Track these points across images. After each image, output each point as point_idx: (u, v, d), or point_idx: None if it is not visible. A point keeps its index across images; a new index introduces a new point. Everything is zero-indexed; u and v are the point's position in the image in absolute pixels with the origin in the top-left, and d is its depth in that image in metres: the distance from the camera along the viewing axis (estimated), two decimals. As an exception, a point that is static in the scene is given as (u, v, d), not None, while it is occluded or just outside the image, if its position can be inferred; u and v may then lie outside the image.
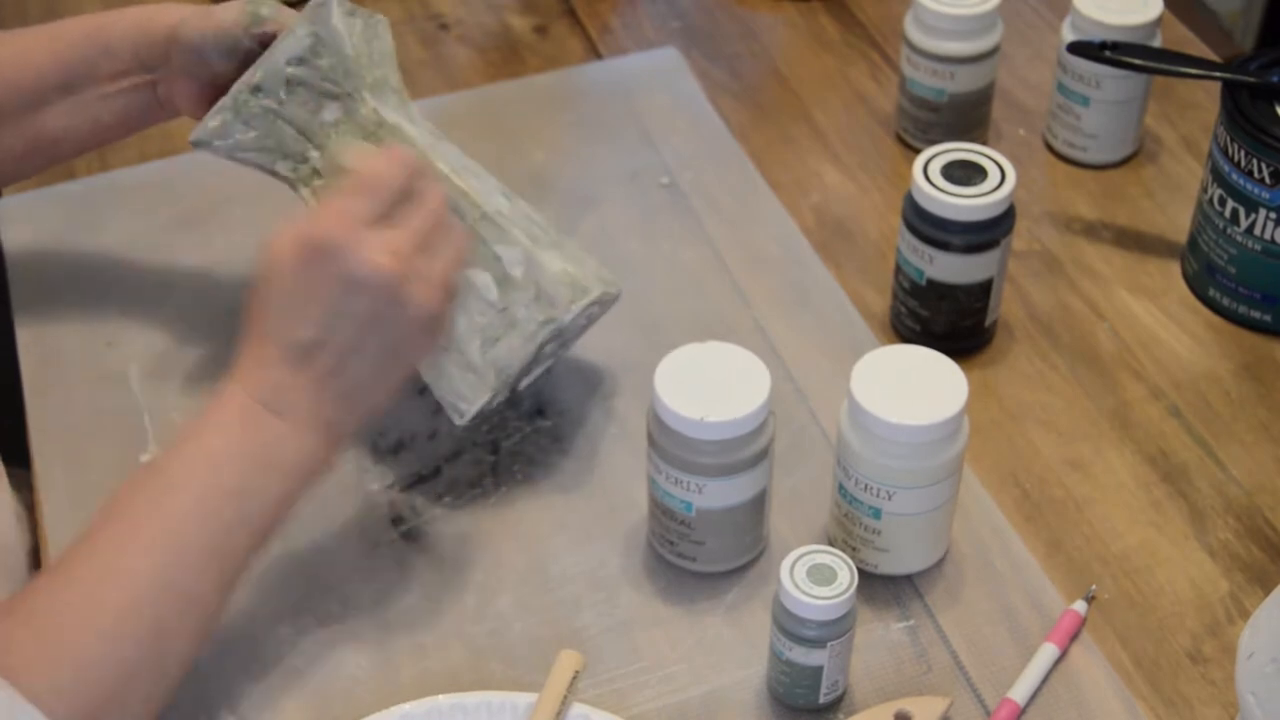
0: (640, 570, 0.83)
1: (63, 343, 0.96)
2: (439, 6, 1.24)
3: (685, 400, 0.76)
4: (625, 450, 0.89)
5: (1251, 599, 0.81)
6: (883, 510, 0.77)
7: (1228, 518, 0.85)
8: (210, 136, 0.84)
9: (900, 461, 0.76)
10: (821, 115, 1.13)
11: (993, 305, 0.93)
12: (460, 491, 0.87)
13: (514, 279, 0.82)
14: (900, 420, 0.74)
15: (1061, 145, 1.08)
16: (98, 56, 0.88)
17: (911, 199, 0.90)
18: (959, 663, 0.78)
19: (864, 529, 0.79)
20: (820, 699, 0.75)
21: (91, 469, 0.88)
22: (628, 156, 1.09)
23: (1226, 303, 0.96)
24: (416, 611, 0.81)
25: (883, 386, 0.76)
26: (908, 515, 0.77)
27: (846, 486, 0.78)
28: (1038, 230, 1.03)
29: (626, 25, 1.22)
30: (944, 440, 0.76)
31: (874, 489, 0.77)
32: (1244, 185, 0.91)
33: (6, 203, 1.06)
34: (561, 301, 0.82)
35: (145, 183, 1.07)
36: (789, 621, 0.72)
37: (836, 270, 1.00)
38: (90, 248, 1.02)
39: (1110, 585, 0.82)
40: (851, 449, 0.77)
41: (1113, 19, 1.01)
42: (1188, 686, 0.78)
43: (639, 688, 0.77)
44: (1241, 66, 0.94)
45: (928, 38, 1.03)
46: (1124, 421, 0.91)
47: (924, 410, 0.75)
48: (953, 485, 0.78)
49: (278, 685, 0.78)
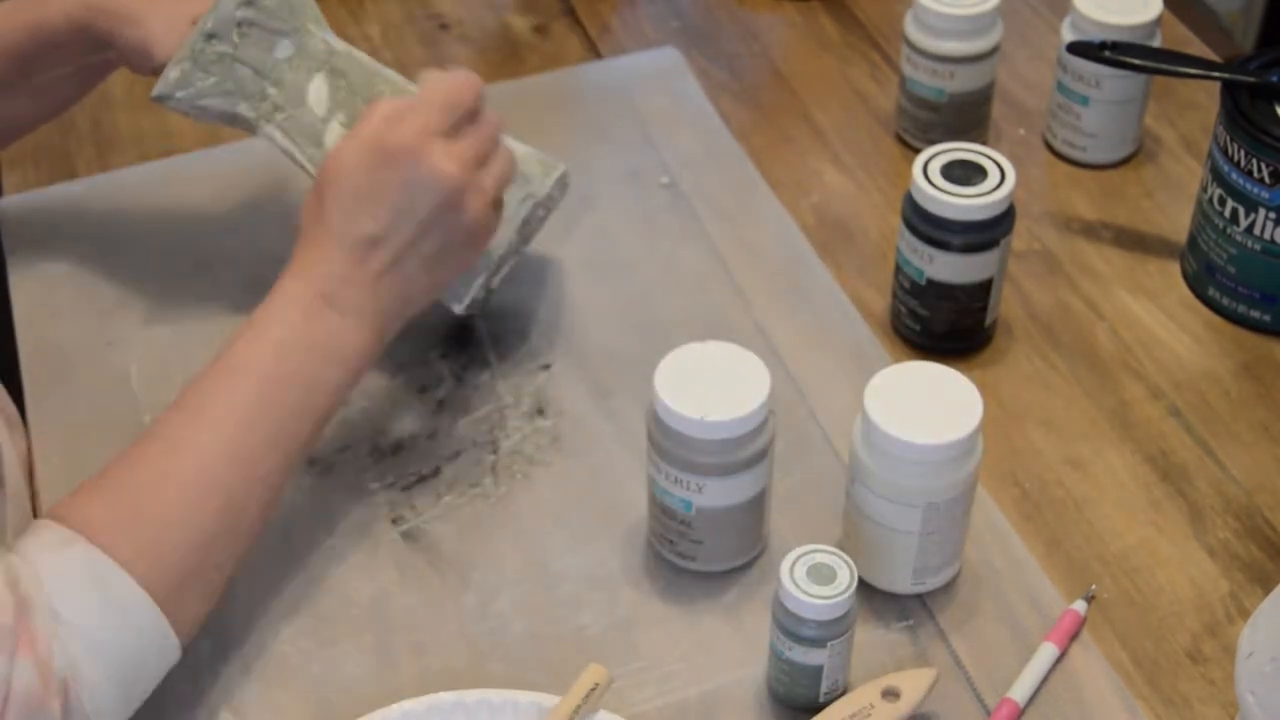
0: (640, 570, 0.83)
1: (63, 343, 0.96)
2: (439, 6, 1.24)
3: (685, 400, 0.76)
4: (625, 450, 0.89)
5: (1251, 599, 0.81)
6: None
7: (1227, 517, 0.85)
8: (172, 89, 0.88)
9: (920, 480, 0.75)
10: (821, 115, 1.13)
11: (993, 305, 0.93)
12: (460, 491, 0.87)
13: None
14: (923, 440, 0.74)
15: (1061, 145, 1.08)
16: (43, 51, 0.90)
17: (911, 199, 0.90)
18: (959, 662, 0.78)
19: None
20: (820, 698, 0.75)
21: (91, 469, 0.88)
22: (628, 156, 1.09)
23: (1226, 302, 0.96)
24: (416, 611, 0.81)
25: (898, 405, 0.76)
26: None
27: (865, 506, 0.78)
28: (1038, 230, 1.03)
29: (626, 25, 1.22)
30: (963, 456, 0.76)
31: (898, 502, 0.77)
32: (1244, 185, 0.92)
33: (6, 203, 1.06)
34: (536, 177, 0.91)
35: (145, 183, 1.07)
36: (789, 621, 0.72)
37: (836, 270, 1.00)
38: (90, 248, 1.02)
39: (1110, 585, 0.82)
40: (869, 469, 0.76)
41: (1112, 19, 1.01)
42: (1187, 686, 0.78)
43: (638, 687, 0.77)
44: (1241, 66, 0.94)
45: (928, 38, 1.03)
46: (1124, 421, 0.91)
47: (942, 428, 0.75)
48: (967, 501, 0.78)
49: (278, 685, 0.78)
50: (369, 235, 0.79)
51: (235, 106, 0.89)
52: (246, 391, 0.76)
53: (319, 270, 0.79)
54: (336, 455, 0.89)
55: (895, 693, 0.73)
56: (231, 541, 0.75)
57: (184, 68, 0.87)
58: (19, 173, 1.09)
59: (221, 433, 0.75)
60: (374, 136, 0.79)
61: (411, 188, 0.79)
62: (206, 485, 0.73)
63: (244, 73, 0.89)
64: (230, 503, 0.74)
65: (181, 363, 0.94)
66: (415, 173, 0.79)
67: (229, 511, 0.74)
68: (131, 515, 0.72)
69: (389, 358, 0.94)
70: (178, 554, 0.72)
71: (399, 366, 0.94)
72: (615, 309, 0.97)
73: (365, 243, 0.79)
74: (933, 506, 0.76)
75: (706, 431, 0.75)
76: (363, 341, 0.80)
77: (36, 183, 1.08)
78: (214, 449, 0.74)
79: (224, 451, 0.74)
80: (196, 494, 0.73)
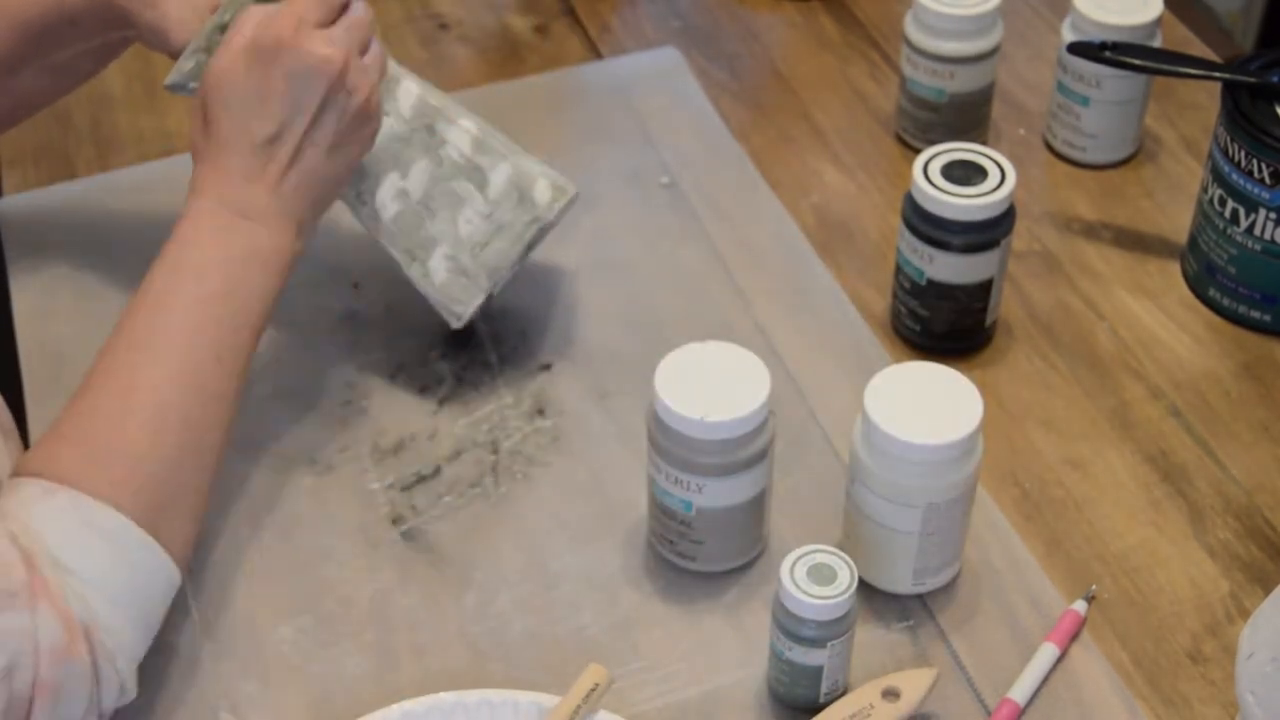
0: (640, 570, 0.83)
1: (63, 343, 0.96)
2: (439, 6, 1.24)
3: (685, 400, 0.76)
4: (625, 450, 0.89)
5: (1251, 599, 0.81)
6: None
7: (1227, 517, 0.85)
8: (186, 79, 0.87)
9: (920, 480, 0.75)
10: (821, 115, 1.13)
11: (993, 305, 0.93)
12: (460, 491, 0.87)
13: (498, 186, 0.89)
14: (922, 440, 0.74)
15: (1061, 145, 1.08)
16: (62, 28, 0.89)
17: (911, 199, 0.90)
18: (959, 663, 0.78)
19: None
20: (820, 698, 0.75)
21: (91, 469, 0.88)
22: (628, 156, 1.09)
23: (1226, 303, 0.96)
24: (416, 611, 0.81)
25: (898, 405, 0.76)
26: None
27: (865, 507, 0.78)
28: (1038, 230, 1.03)
29: (626, 25, 1.22)
30: (963, 456, 0.76)
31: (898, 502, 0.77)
32: (1244, 185, 0.92)
33: (6, 203, 1.06)
34: (543, 202, 0.90)
35: (145, 183, 1.07)
36: (789, 621, 0.72)
37: (836, 270, 1.00)
38: (90, 248, 1.02)
39: (1110, 585, 0.82)
40: (870, 470, 0.76)
41: (1113, 19, 1.01)
42: (1187, 686, 0.78)
43: (639, 687, 0.77)
44: (1241, 66, 0.94)
45: (928, 38, 1.03)
46: (1124, 421, 0.91)
47: (942, 427, 0.75)
48: (967, 501, 0.78)
49: (278, 685, 0.78)
50: (264, 136, 0.80)
51: None
52: (177, 317, 0.77)
53: (220, 183, 0.80)
54: (336, 455, 0.89)
55: (895, 693, 0.73)
56: (199, 460, 0.76)
57: (200, 59, 0.86)
58: (19, 173, 1.09)
59: (165, 361, 0.76)
60: (248, 40, 0.80)
61: (295, 79, 0.79)
62: (163, 412, 0.75)
63: None
64: (188, 424, 0.76)
65: (181, 363, 0.94)
66: (297, 62, 0.79)
67: (190, 432, 0.76)
68: (100, 454, 0.73)
69: (389, 358, 0.94)
70: (153, 481, 0.73)
71: (399, 366, 0.94)
72: (615, 309, 0.97)
73: (261, 145, 0.80)
74: (933, 506, 0.76)
75: (706, 431, 0.75)
76: (280, 243, 0.81)
77: (36, 183, 1.08)
78: (162, 377, 0.75)
79: (172, 377, 0.76)
80: (155, 423, 0.74)
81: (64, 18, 0.89)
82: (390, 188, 0.89)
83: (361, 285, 0.99)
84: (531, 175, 0.90)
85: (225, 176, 0.80)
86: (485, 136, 0.91)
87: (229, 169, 0.80)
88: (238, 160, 0.80)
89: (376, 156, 0.89)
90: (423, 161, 0.89)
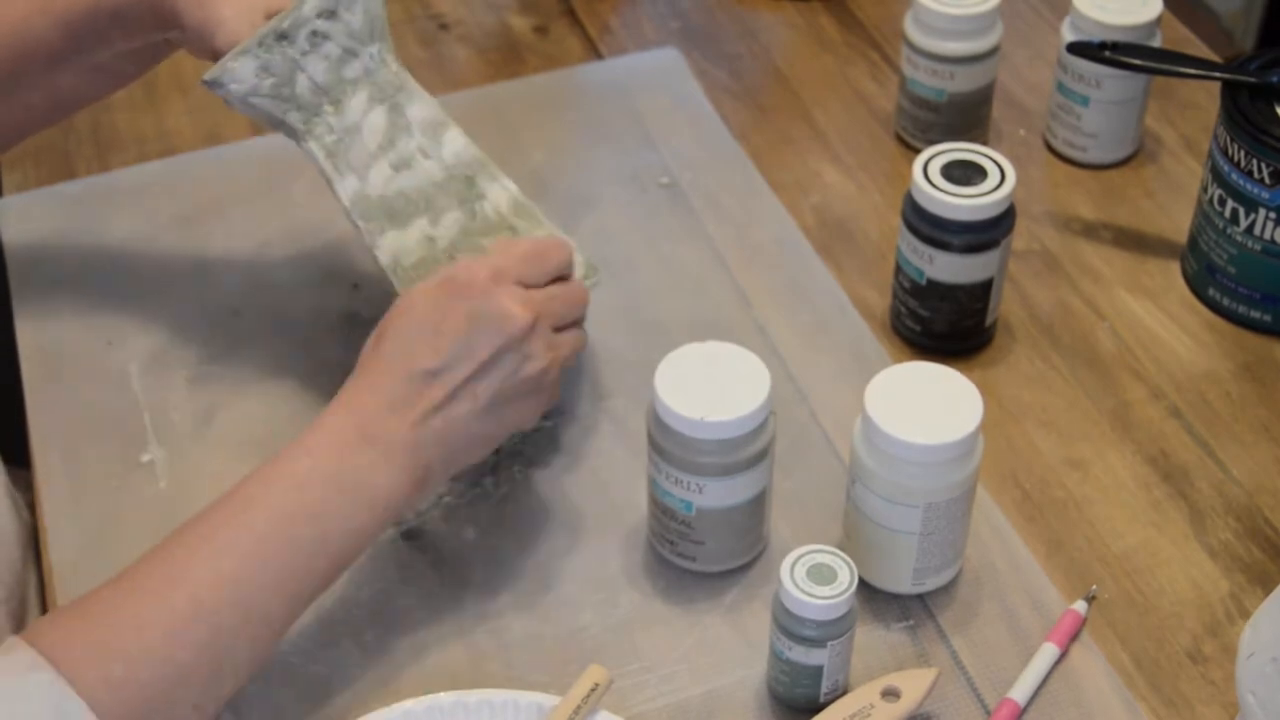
0: (640, 570, 0.83)
1: (63, 343, 0.96)
2: (439, 6, 1.24)
3: (685, 400, 0.76)
4: (625, 450, 0.89)
5: (1251, 599, 0.81)
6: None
7: (1228, 518, 0.85)
8: (228, 78, 0.82)
9: (920, 480, 0.75)
10: (821, 115, 1.13)
11: (993, 305, 0.93)
12: (460, 491, 0.87)
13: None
14: (923, 440, 0.74)
15: (1061, 145, 1.08)
16: (106, 25, 0.86)
17: (911, 199, 0.90)
18: (959, 663, 0.78)
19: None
20: (820, 698, 0.75)
21: (91, 469, 0.88)
22: (628, 156, 1.09)
23: (1226, 303, 0.96)
24: (416, 611, 0.81)
25: (898, 405, 0.76)
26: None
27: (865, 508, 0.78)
28: (1038, 230, 1.03)
29: (626, 25, 1.22)
30: (963, 457, 0.76)
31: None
32: (1244, 185, 0.92)
33: (6, 203, 1.06)
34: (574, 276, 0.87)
35: (145, 183, 1.07)
36: (789, 621, 0.72)
37: (836, 270, 1.00)
38: (90, 248, 1.02)
39: (1110, 585, 0.82)
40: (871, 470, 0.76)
41: (1112, 19, 1.01)
42: (1188, 686, 0.78)
43: (639, 688, 0.77)
44: (1241, 66, 0.94)
45: (928, 38, 1.03)
46: (1124, 422, 0.91)
47: (942, 427, 0.75)
48: (967, 500, 0.78)
49: (278, 685, 0.78)
50: (424, 369, 0.74)
51: (286, 114, 0.84)
52: (256, 522, 0.71)
53: (363, 402, 0.74)
54: (336, 455, 0.89)
55: (895, 693, 0.73)
56: (214, 680, 0.69)
57: (246, 61, 0.82)
58: (19, 173, 1.09)
59: (221, 564, 0.69)
60: (445, 275, 0.77)
61: (475, 320, 0.75)
62: (193, 619, 0.68)
63: (304, 83, 0.84)
64: (216, 639, 0.69)
65: (181, 363, 0.94)
66: (482, 305, 0.75)
67: (214, 648, 0.69)
68: (107, 646, 0.67)
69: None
70: (148, 691, 0.67)
71: (399, 367, 0.94)
72: (615, 309, 0.97)
73: (419, 376, 0.74)
74: (933, 507, 0.76)
75: (706, 432, 0.75)
76: (395, 484, 0.74)
77: (36, 183, 1.08)
78: (209, 580, 0.69)
79: (220, 584, 0.69)
80: (180, 627, 0.68)
81: (109, 14, 0.85)
82: (417, 232, 0.86)
83: (361, 285, 0.99)
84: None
85: (370, 398, 0.74)
86: (526, 202, 0.88)
87: (377, 390, 0.74)
88: (389, 384, 0.74)
89: (409, 198, 0.86)
90: (455, 213, 0.86)
